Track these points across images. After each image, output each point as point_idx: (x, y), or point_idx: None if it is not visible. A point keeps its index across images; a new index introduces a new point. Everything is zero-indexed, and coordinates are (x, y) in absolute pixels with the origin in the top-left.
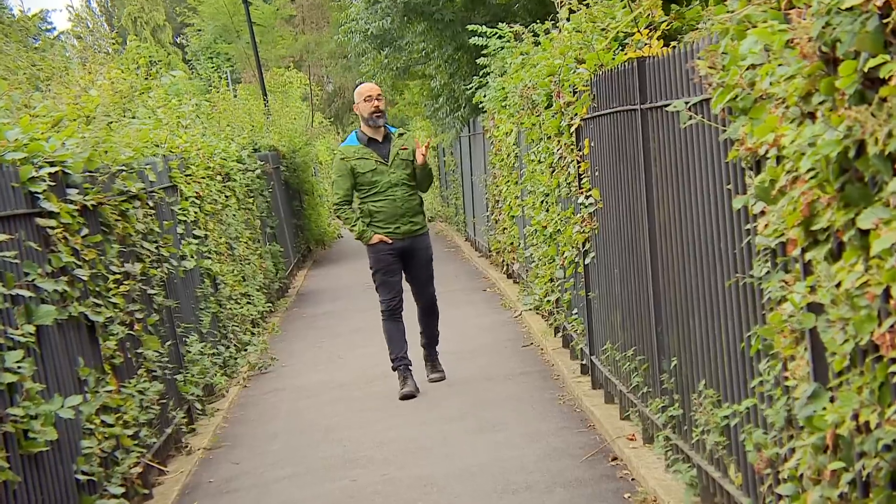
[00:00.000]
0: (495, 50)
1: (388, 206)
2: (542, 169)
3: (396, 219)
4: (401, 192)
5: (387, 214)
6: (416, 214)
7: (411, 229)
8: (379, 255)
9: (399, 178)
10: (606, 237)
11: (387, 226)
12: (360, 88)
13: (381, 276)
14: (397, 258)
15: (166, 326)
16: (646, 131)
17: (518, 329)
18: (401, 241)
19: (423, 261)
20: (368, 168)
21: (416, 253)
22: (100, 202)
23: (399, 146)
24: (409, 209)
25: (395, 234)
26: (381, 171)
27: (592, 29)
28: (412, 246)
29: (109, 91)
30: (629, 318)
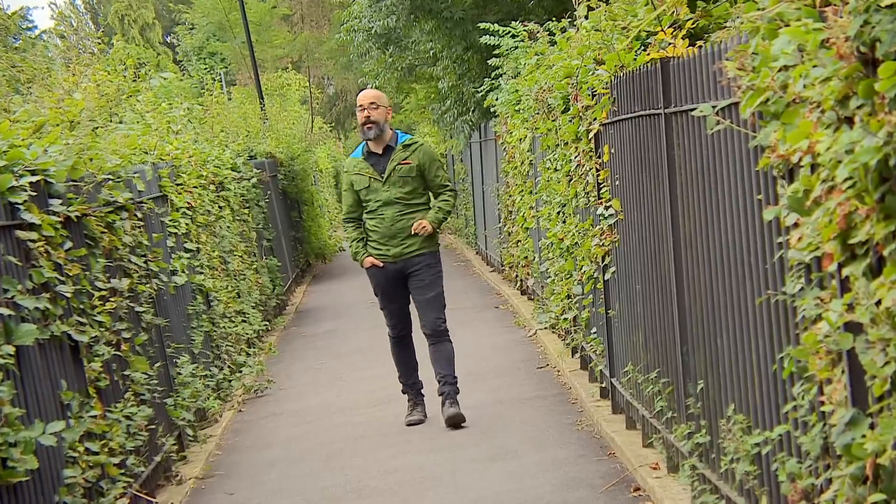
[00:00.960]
0: (508, 50)
1: (379, 226)
2: (558, 177)
3: (387, 240)
4: (392, 211)
5: (378, 234)
6: (413, 236)
7: (403, 252)
8: (374, 280)
9: (392, 196)
10: (628, 251)
11: (379, 247)
12: (358, 97)
13: (380, 301)
14: (393, 282)
15: (155, 346)
16: (670, 137)
17: (533, 349)
18: (392, 263)
19: (423, 281)
20: (363, 185)
21: (416, 273)
22: (84, 213)
23: (399, 159)
24: (402, 230)
25: (387, 256)
26: (374, 189)
27: (612, 28)
28: (409, 266)
29: (95, 94)
30: (652, 338)
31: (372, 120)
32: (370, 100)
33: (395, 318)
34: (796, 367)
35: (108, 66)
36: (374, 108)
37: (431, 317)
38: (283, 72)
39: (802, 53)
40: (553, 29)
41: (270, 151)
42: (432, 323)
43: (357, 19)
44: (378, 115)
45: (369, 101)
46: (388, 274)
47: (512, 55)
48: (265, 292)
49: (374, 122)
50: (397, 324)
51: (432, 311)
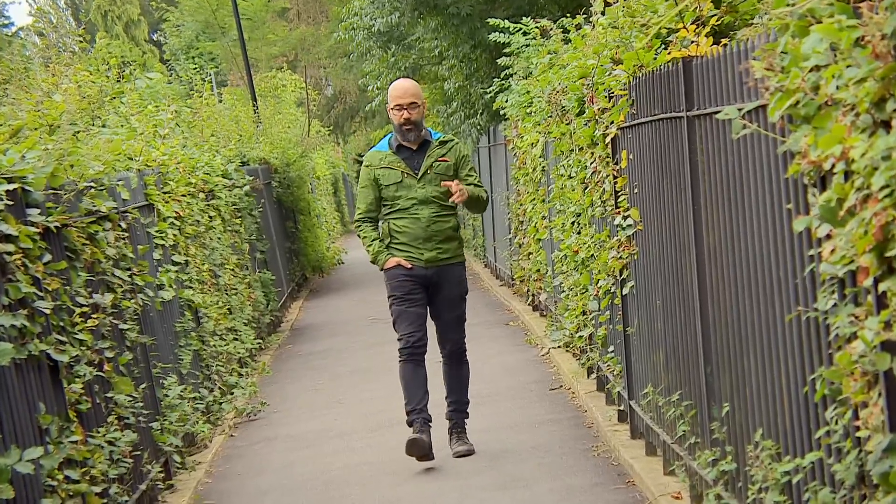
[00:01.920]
0: (519, 48)
1: (412, 226)
2: (572, 185)
3: (420, 243)
4: (428, 211)
5: (410, 237)
6: (448, 240)
7: (438, 257)
8: (396, 280)
9: (428, 194)
10: (647, 264)
11: (409, 249)
12: (391, 90)
13: (399, 306)
14: (419, 287)
15: (141, 367)
16: (693, 142)
17: (545, 369)
18: (423, 269)
19: (452, 298)
20: (393, 180)
21: (444, 287)
22: (65, 224)
23: (436, 156)
24: (438, 233)
25: (419, 259)
26: (407, 185)
27: (631, 24)
28: (439, 278)
29: (76, 96)
30: (674, 358)
31: (413, 121)
32: (410, 98)
33: (412, 326)
34: (829, 390)
35: (90, 66)
36: (413, 108)
37: (455, 337)
38: (277, 72)
39: (835, 52)
40: (567, 26)
41: (264, 157)
42: (454, 345)
43: (357, 16)
44: (418, 115)
45: (409, 100)
46: (415, 277)
47: (523, 54)
48: (258, 308)
49: (414, 124)
50: (415, 332)
51: (457, 331)
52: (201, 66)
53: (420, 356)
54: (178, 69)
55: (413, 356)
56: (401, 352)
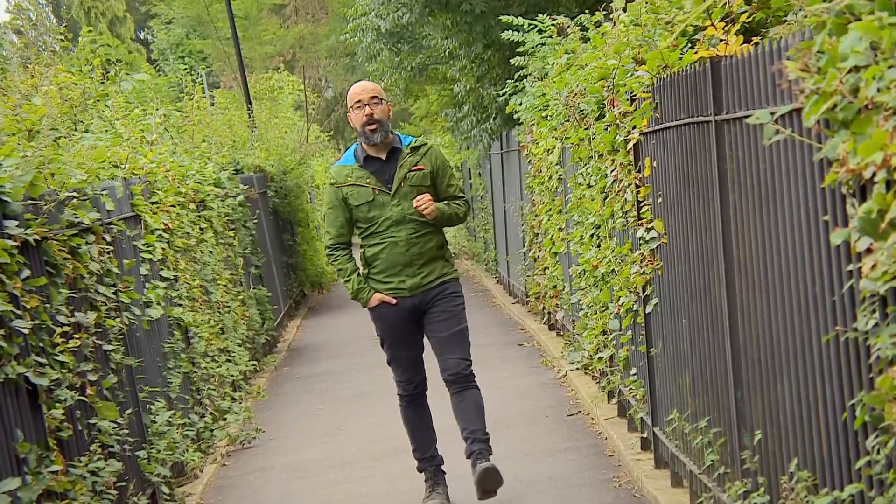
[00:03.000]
0: (534, 47)
1: (389, 251)
2: (591, 195)
3: (400, 269)
4: (406, 231)
5: (387, 263)
6: (432, 261)
7: (422, 282)
8: (383, 320)
9: (405, 211)
10: (672, 279)
11: (388, 279)
12: (352, 90)
13: (390, 350)
14: (410, 322)
15: (126, 390)
16: (721, 149)
17: (563, 393)
18: (409, 297)
19: (448, 311)
20: (364, 199)
21: (432, 306)
22: (45, 237)
23: (410, 165)
24: (419, 256)
25: (400, 290)
26: (379, 204)
27: (655, 22)
28: (428, 299)
29: (57, 99)
30: (701, 381)
31: (376, 119)
32: (370, 93)
33: (409, 371)
34: (870, 416)
35: (72, 66)
36: (376, 104)
37: (456, 357)
38: (273, 72)
39: (876, 52)
40: (586, 23)
41: (259, 164)
42: (457, 365)
43: (364, 16)
44: (381, 112)
45: (369, 94)
46: (401, 313)
47: (538, 53)
48: (253, 327)
49: (378, 122)
50: (413, 378)
51: (456, 351)
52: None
53: (421, 398)
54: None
55: (414, 401)
56: (399, 397)
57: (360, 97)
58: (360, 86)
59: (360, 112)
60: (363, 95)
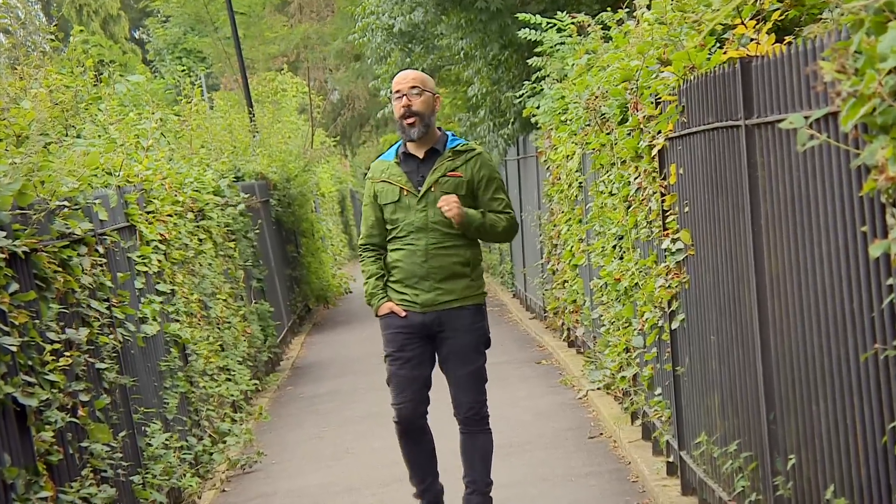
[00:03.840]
0: (552, 47)
1: (406, 260)
2: (614, 203)
3: (416, 282)
4: (427, 241)
5: (404, 272)
6: (452, 278)
7: (437, 300)
8: (388, 332)
9: (428, 219)
10: (700, 294)
11: (403, 290)
12: (394, 80)
13: (391, 367)
14: (417, 340)
15: (120, 412)
16: (752, 155)
17: (583, 414)
18: (420, 314)
19: (462, 349)
20: (390, 198)
21: (447, 336)
22: (34, 248)
23: (446, 169)
24: (438, 270)
25: (413, 304)
26: (405, 206)
27: (681, 20)
28: (442, 326)
29: (47, 102)
30: (731, 402)
31: (414, 111)
32: (411, 82)
33: (407, 392)
34: None
35: (63, 68)
36: (416, 95)
37: (470, 399)
38: (276, 74)
39: None
40: (608, 21)
41: (261, 171)
42: (471, 407)
43: (374, 15)
44: (423, 105)
45: (409, 83)
46: (410, 328)
47: (557, 53)
48: (255, 344)
49: (416, 115)
50: (411, 400)
51: (472, 391)
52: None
53: (418, 428)
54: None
55: (410, 430)
56: (396, 424)
57: (399, 86)
58: (402, 74)
59: (398, 103)
60: (403, 85)
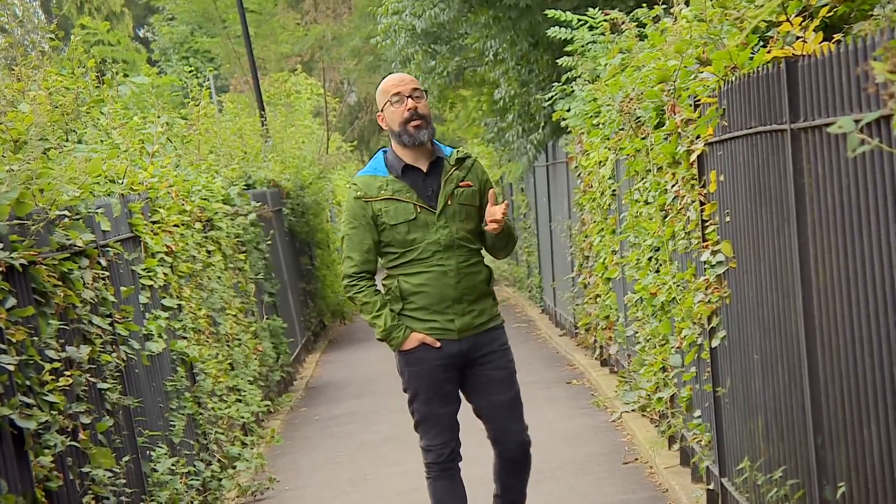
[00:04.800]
0: (584, 46)
1: (436, 283)
2: (649, 213)
3: (448, 306)
4: (457, 259)
5: (433, 299)
6: (482, 298)
7: (472, 323)
8: (419, 368)
9: (453, 235)
10: (742, 309)
11: (431, 318)
12: (385, 83)
13: (425, 406)
14: (453, 372)
15: (123, 435)
16: (798, 161)
17: (617, 438)
18: (455, 341)
19: (501, 372)
20: (403, 217)
21: (484, 361)
22: (32, 261)
23: (458, 179)
24: (471, 290)
25: (447, 331)
26: (423, 224)
27: (722, 17)
28: (476, 350)
29: (46, 105)
30: (776, 425)
31: (421, 114)
32: (412, 83)
33: (445, 434)
34: None
35: (63, 69)
36: (419, 97)
37: (519, 426)
38: (290, 74)
39: None
40: (643, 18)
41: (274, 178)
42: (517, 437)
43: (397, 15)
44: (426, 108)
45: (411, 84)
46: (445, 360)
47: (589, 53)
48: (266, 363)
49: (423, 118)
50: (451, 439)
51: (516, 420)
52: (197, 67)
53: (455, 468)
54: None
55: (446, 472)
56: (429, 467)
57: (399, 89)
58: (397, 77)
59: (399, 107)
60: (403, 87)
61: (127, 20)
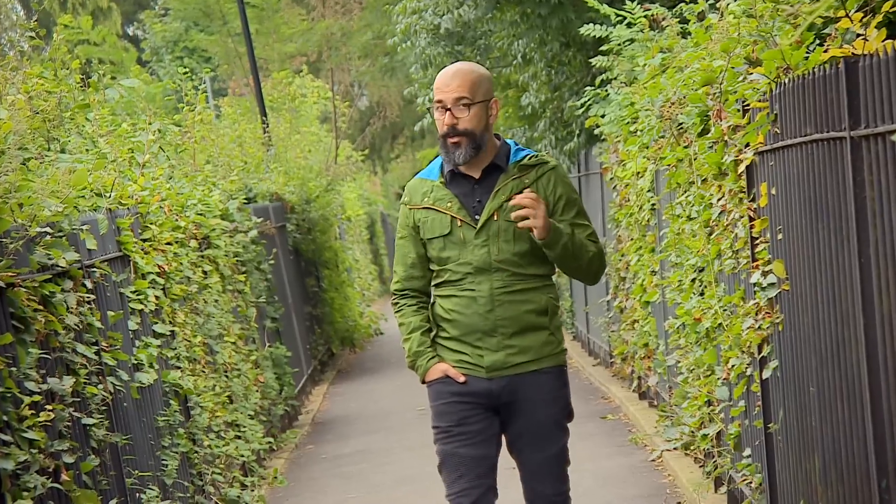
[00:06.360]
0: (620, 44)
1: (464, 310)
2: (692, 229)
3: (478, 338)
4: (491, 284)
5: (462, 328)
6: (526, 332)
7: (508, 361)
8: (442, 401)
9: (491, 257)
10: (796, 337)
11: (460, 349)
12: (437, 79)
13: (446, 444)
14: (481, 411)
15: (110, 475)
16: (858, 172)
17: (657, 479)
18: (486, 380)
19: (541, 426)
20: (438, 231)
21: (525, 410)
22: (10, 283)
23: (512, 190)
24: (508, 322)
25: (473, 367)
26: (457, 240)
27: (774, 13)
28: (513, 395)
29: (26, 111)
30: (835, 466)
31: (461, 131)
32: (456, 91)
33: (470, 477)
34: None
35: (44, 70)
36: (462, 108)
37: (551, 489)
38: (294, 76)
39: None
40: (686, 14)
41: (277, 191)
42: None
43: (416, 14)
44: (473, 120)
45: (454, 93)
46: (472, 395)
47: (626, 52)
48: (269, 395)
49: (463, 135)
50: (476, 486)
51: (553, 481)
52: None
53: None
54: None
55: None
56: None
57: (441, 95)
58: (445, 76)
59: (439, 116)
60: (446, 94)
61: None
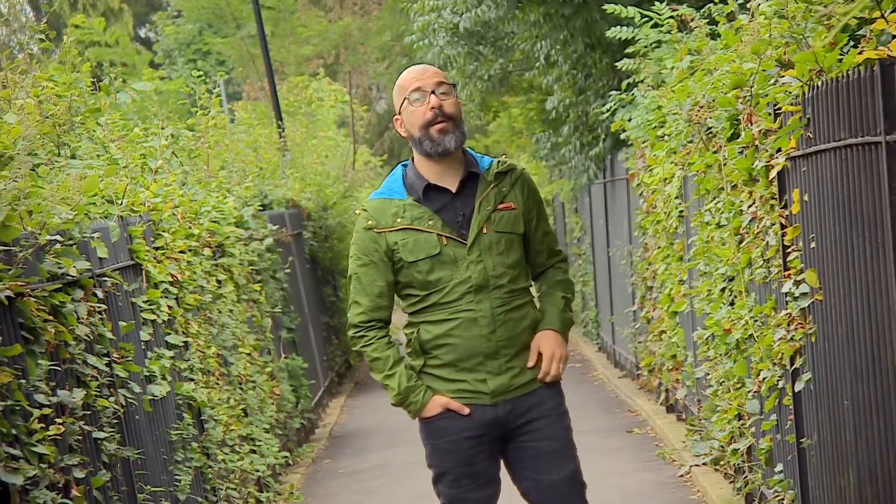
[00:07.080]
0: (647, 46)
1: (464, 334)
2: (722, 237)
3: (480, 362)
4: (491, 303)
5: (460, 352)
6: (525, 351)
7: (513, 383)
8: (444, 441)
9: (489, 272)
10: (830, 348)
11: (457, 377)
12: (402, 77)
13: (452, 489)
14: (487, 446)
15: (122, 490)
16: (895, 178)
17: (685, 496)
18: (490, 407)
19: (550, 445)
20: (424, 252)
21: (530, 430)
22: (20, 292)
23: (496, 200)
24: (509, 342)
25: (478, 394)
26: (449, 259)
27: (806, 13)
28: (518, 416)
29: (36, 115)
30: (871, 482)
31: (447, 114)
32: (435, 77)
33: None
34: None
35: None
36: (445, 94)
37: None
38: (311, 79)
39: None
40: (715, 15)
41: (293, 198)
42: None
43: (435, 13)
44: (455, 107)
45: (434, 78)
46: (475, 430)
47: (653, 54)
48: (285, 408)
49: (450, 118)
50: None
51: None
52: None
53: None
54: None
55: None
56: None
57: (419, 83)
58: (417, 69)
59: (420, 106)
60: (424, 81)
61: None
